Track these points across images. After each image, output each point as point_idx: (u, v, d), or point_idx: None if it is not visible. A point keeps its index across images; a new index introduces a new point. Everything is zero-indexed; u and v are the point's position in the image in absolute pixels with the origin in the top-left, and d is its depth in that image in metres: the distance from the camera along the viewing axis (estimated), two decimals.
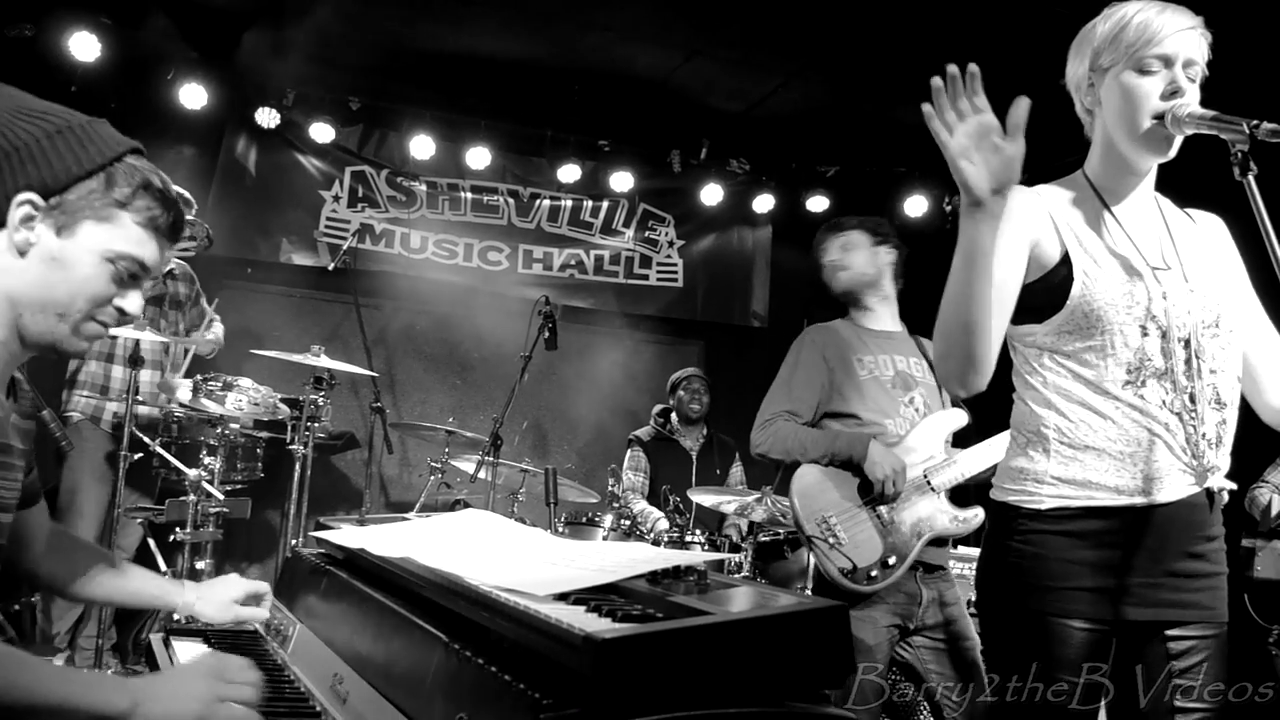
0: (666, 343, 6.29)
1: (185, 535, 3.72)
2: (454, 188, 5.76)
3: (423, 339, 5.78)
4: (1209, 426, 1.54)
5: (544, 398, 5.82)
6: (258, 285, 5.44)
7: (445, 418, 4.85)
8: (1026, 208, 1.60)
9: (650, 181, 6.03)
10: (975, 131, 1.36)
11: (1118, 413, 1.55)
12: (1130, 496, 1.53)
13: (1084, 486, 1.55)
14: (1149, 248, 1.60)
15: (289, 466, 4.03)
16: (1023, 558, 1.58)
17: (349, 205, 5.55)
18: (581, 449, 5.96)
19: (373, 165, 5.61)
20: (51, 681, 1.05)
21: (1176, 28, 1.52)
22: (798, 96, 5.35)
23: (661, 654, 0.87)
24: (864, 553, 2.51)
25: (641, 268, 6.14)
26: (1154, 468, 1.53)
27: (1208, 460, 1.54)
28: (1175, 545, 1.55)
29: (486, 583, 1.10)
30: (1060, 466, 1.57)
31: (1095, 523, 1.55)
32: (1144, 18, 1.53)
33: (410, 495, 5.26)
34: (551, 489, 3.61)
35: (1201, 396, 1.53)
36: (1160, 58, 1.52)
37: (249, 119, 5.24)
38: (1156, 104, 1.51)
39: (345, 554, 1.58)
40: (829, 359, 2.72)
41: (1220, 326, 1.58)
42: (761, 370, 6.13)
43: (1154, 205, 1.67)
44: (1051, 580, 1.55)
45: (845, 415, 2.68)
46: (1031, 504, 1.59)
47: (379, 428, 4.68)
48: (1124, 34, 1.54)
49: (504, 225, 5.87)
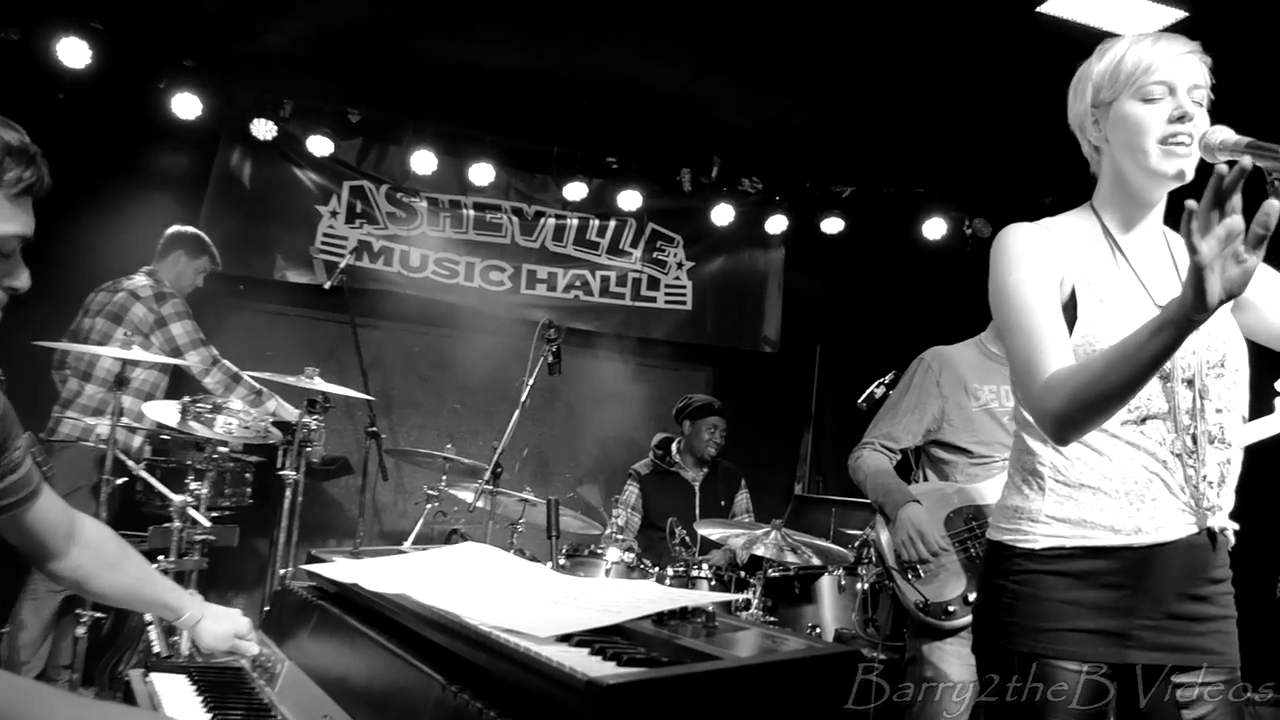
0: (674, 368, 6.27)
1: (169, 564, 3.71)
2: (456, 204, 5.78)
3: (421, 361, 5.77)
4: (1210, 467, 1.56)
5: (546, 424, 5.81)
6: (250, 303, 5.44)
7: (443, 443, 4.84)
8: (1046, 246, 1.62)
9: (659, 200, 6.04)
10: (1224, 237, 1.28)
11: (1115, 450, 1.56)
12: (1127, 536, 1.54)
13: (1079, 525, 1.57)
14: (1156, 285, 1.62)
15: (279, 492, 4.02)
16: (1017, 598, 1.59)
17: (346, 221, 5.57)
18: (584, 478, 5.94)
19: (372, 180, 5.63)
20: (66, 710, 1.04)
21: (1174, 53, 1.56)
22: (812, 114, 5.38)
23: (668, 700, 0.87)
24: (943, 588, 2.60)
25: (649, 289, 6.15)
26: (1152, 507, 1.55)
27: (1208, 500, 1.56)
28: (1176, 586, 1.55)
29: (486, 622, 1.10)
30: (1055, 505, 1.59)
31: (1091, 563, 1.56)
32: (1140, 48, 1.58)
33: (405, 523, 5.23)
34: (553, 521, 3.54)
35: (1203, 438, 1.55)
36: (1162, 84, 1.55)
37: (244, 130, 5.26)
38: (1164, 129, 1.54)
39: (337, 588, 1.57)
40: (943, 385, 2.79)
41: (1226, 366, 1.59)
42: (771, 397, 6.28)
43: (1163, 240, 1.70)
44: (1046, 621, 1.55)
45: (953, 446, 2.76)
46: (1026, 543, 1.60)
47: (374, 453, 4.63)
48: (1122, 66, 1.59)
49: (507, 244, 5.89)
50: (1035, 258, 1.60)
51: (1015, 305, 1.58)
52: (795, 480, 6.36)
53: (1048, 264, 1.60)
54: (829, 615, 3.78)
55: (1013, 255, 1.62)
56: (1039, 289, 1.58)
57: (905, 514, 2.64)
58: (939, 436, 2.79)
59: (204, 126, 5.18)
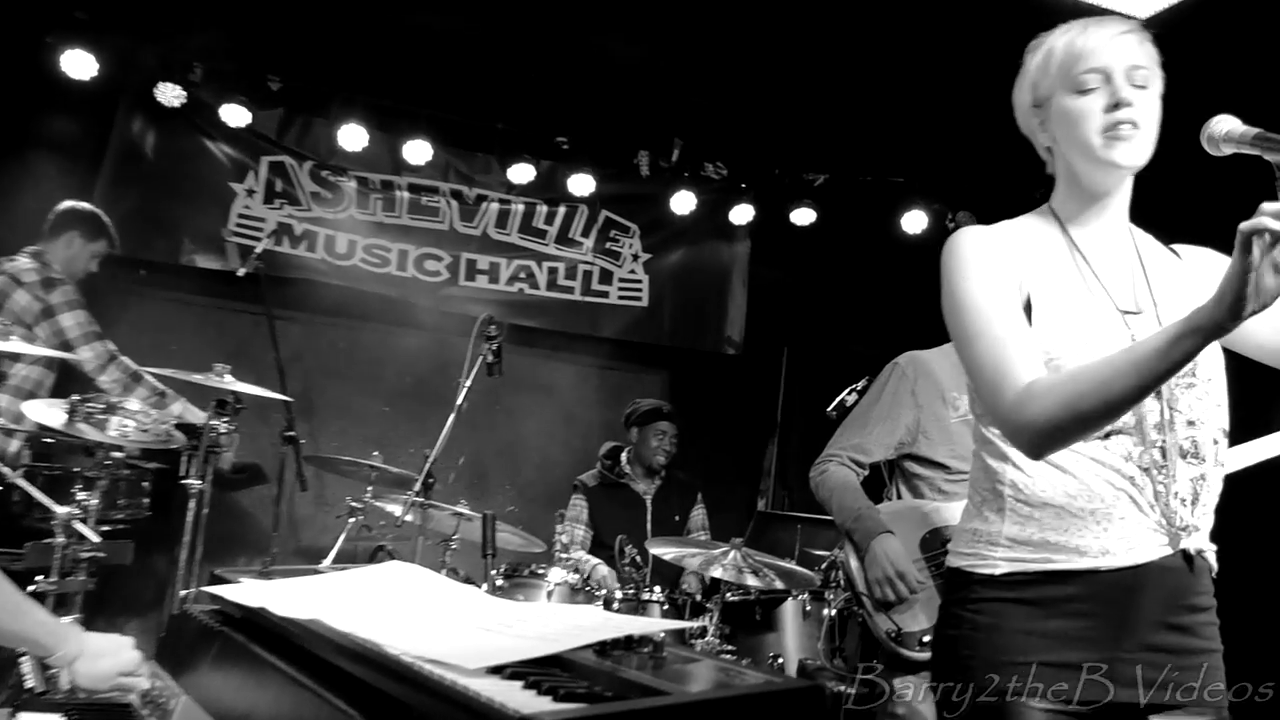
0: (627, 370, 6.28)
1: (49, 585, 3.62)
2: (388, 185, 5.76)
3: (346, 359, 5.74)
4: (1182, 483, 1.57)
5: (484, 431, 5.75)
6: (153, 291, 5.36)
7: (369, 451, 4.75)
8: (1000, 249, 1.65)
9: (613, 185, 6.05)
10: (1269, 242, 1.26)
11: (1079, 466, 1.57)
12: (1094, 558, 1.54)
13: (1041, 548, 1.57)
14: (1119, 289, 1.65)
15: (182, 504, 3.96)
16: (976, 629, 1.59)
17: (265, 201, 5.51)
18: (526, 490, 5.93)
19: (294, 156, 5.58)
20: None
21: (1107, 37, 1.60)
22: (783, 93, 5.39)
23: None
24: (917, 616, 2.57)
25: (601, 283, 6.17)
26: (1120, 526, 1.55)
27: (1181, 519, 1.56)
28: (1152, 615, 1.55)
29: (410, 652, 1.10)
30: (1015, 527, 1.60)
31: (1056, 589, 1.56)
32: (1069, 37, 1.63)
33: (325, 540, 5.14)
34: (490, 538, 3.57)
35: (1174, 451, 1.56)
36: (1096, 71, 1.59)
37: (148, 95, 5.17)
38: (1102, 119, 1.58)
39: (244, 613, 1.56)
40: (919, 393, 2.78)
41: (1197, 376, 1.61)
42: (733, 404, 6.30)
43: (1128, 240, 1.73)
44: (1008, 655, 1.55)
45: (929, 461, 2.75)
46: (985, 568, 1.61)
47: (291, 460, 4.62)
48: (1053, 58, 1.64)
49: (445, 230, 5.88)
50: (989, 261, 1.63)
51: (973, 312, 1.60)
52: (758, 495, 6.39)
53: (1003, 267, 1.63)
54: (792, 644, 3.78)
55: (965, 260, 1.65)
56: (997, 292, 1.60)
57: (880, 549, 2.60)
58: (913, 450, 2.80)
59: (100, 89, 5.07)
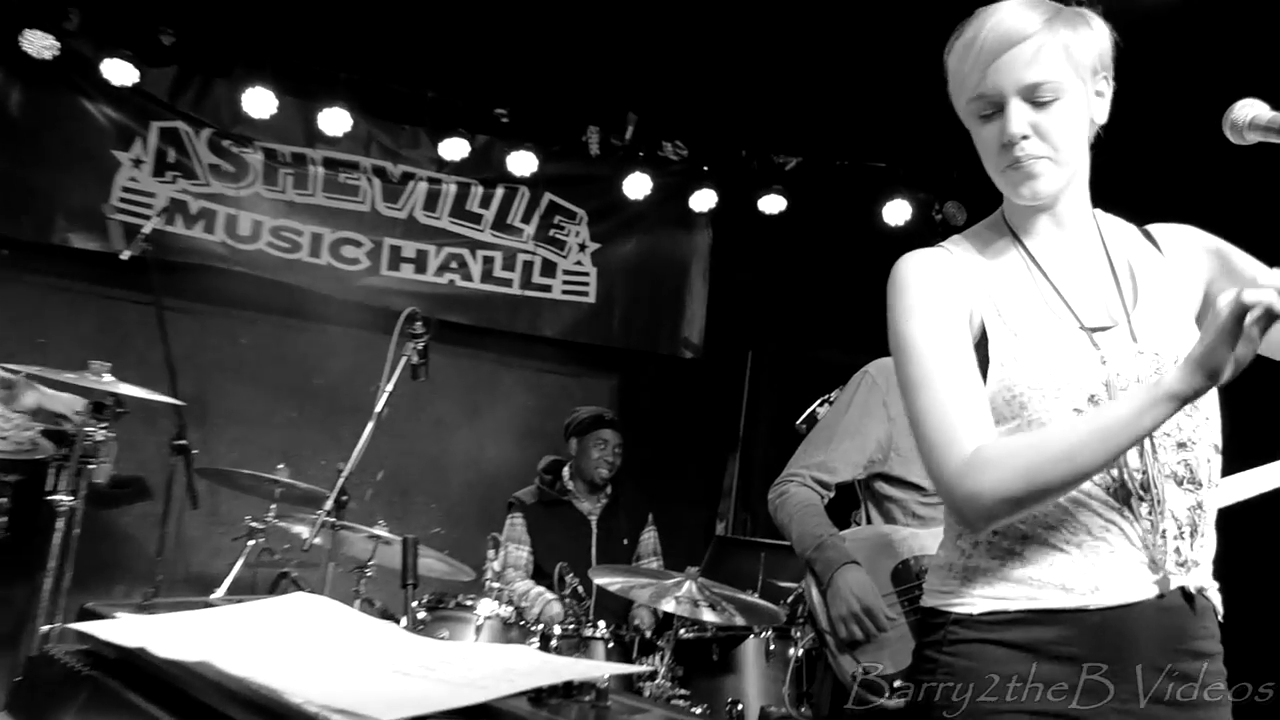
0: (570, 374, 6.30)
1: None
2: (300, 159, 5.73)
3: (248, 357, 5.70)
4: (1178, 513, 1.58)
5: (407, 442, 5.75)
6: (18, 274, 5.29)
7: (274, 463, 4.71)
8: (948, 277, 1.67)
9: (559, 165, 6.07)
10: None
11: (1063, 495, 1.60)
12: (1083, 595, 1.55)
13: (1024, 584, 1.58)
14: (1085, 304, 1.66)
15: (48, 523, 3.88)
16: (953, 674, 1.60)
17: (155, 173, 5.46)
18: (454, 510, 5.91)
19: (190, 122, 5.53)
20: None
21: (989, 57, 1.59)
22: (752, 65, 5.39)
23: None
24: (888, 657, 2.57)
25: (543, 276, 6.18)
26: (1110, 560, 1.56)
27: (1180, 554, 1.57)
28: (1150, 660, 1.56)
29: (314, 700, 1.08)
30: (995, 561, 1.61)
31: (1041, 630, 1.57)
32: (958, 54, 1.64)
33: (219, 565, 5.10)
34: (411, 564, 3.47)
35: (1159, 478, 1.57)
36: (985, 99, 1.61)
37: (12, 45, 5.07)
38: (999, 155, 1.62)
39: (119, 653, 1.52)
40: (891, 405, 2.78)
41: None
42: (691, 414, 6.30)
43: (1094, 242, 1.73)
44: (988, 703, 1.55)
45: (902, 481, 2.76)
46: (962, 607, 1.62)
47: (181, 474, 4.61)
48: (951, 76, 1.67)
49: (365, 212, 5.87)
50: (935, 295, 1.65)
51: (916, 359, 1.63)
52: (717, 518, 6.42)
53: (951, 300, 1.65)
54: (754, 689, 3.77)
55: (907, 295, 1.67)
56: (943, 336, 1.62)
57: (844, 582, 2.60)
58: (885, 469, 2.81)
59: None
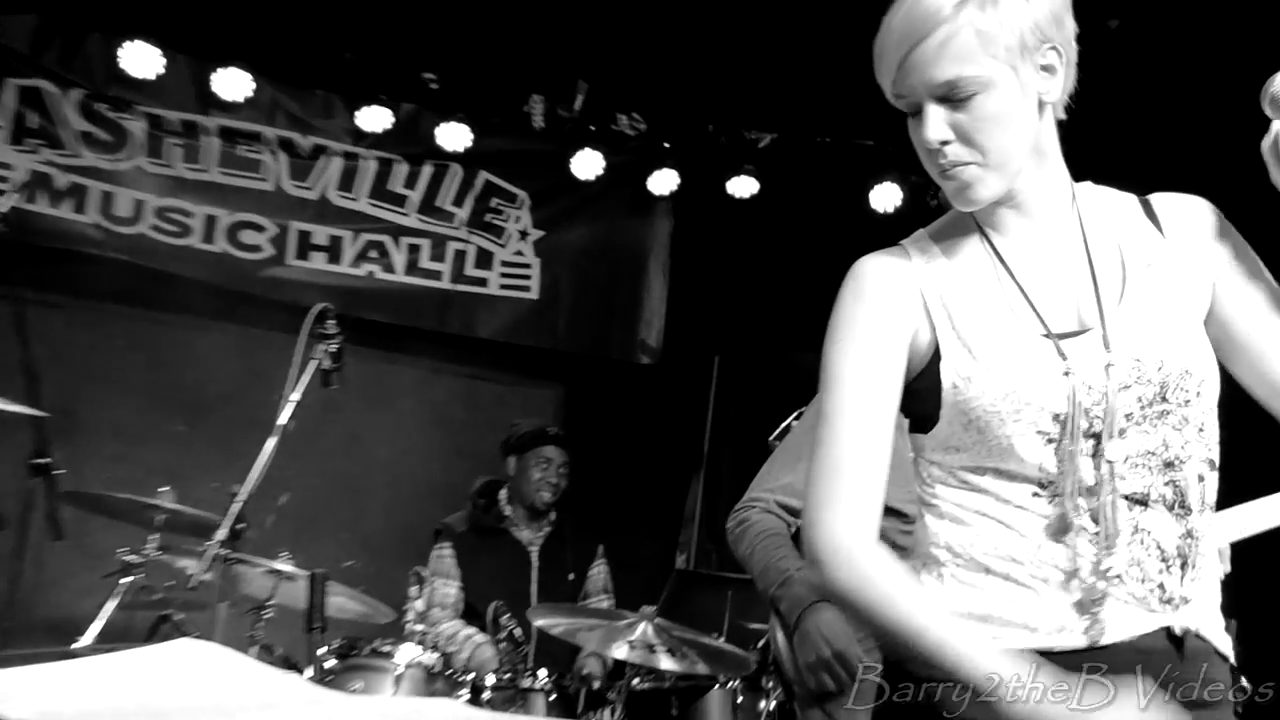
0: (509, 382, 6.34)
1: None
2: (191, 128, 5.70)
3: (127, 361, 5.63)
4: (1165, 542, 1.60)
5: (316, 460, 5.63)
6: None
7: (155, 485, 4.60)
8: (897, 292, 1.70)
9: (497, 140, 6.08)
10: None
11: (1025, 523, 1.62)
12: (1048, 636, 1.58)
13: (985, 622, 1.62)
14: (1054, 307, 1.67)
15: None
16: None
17: (13, 140, 5.41)
18: (371, 539, 5.83)
19: (56, 81, 5.48)
20: None
21: (896, 60, 1.61)
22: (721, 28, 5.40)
23: None
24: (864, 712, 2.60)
25: (478, 268, 6.18)
26: (1084, 598, 1.59)
27: (1165, 590, 1.59)
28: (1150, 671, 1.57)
29: None
30: (957, 597, 1.65)
31: None
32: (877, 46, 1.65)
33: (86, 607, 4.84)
34: (318, 604, 3.64)
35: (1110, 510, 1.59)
36: (903, 100, 1.65)
37: None
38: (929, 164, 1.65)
39: None
40: None
41: (1170, 400, 1.61)
42: (648, 429, 6.29)
43: (1073, 226, 1.74)
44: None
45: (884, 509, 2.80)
46: None
47: (41, 498, 4.57)
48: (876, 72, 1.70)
49: (269, 191, 5.85)
50: (877, 321, 1.68)
51: (834, 389, 1.69)
52: (677, 549, 6.44)
53: (893, 328, 1.68)
54: None
55: (853, 310, 1.72)
56: (870, 375, 1.67)
57: (813, 624, 2.66)
58: None
59: None
